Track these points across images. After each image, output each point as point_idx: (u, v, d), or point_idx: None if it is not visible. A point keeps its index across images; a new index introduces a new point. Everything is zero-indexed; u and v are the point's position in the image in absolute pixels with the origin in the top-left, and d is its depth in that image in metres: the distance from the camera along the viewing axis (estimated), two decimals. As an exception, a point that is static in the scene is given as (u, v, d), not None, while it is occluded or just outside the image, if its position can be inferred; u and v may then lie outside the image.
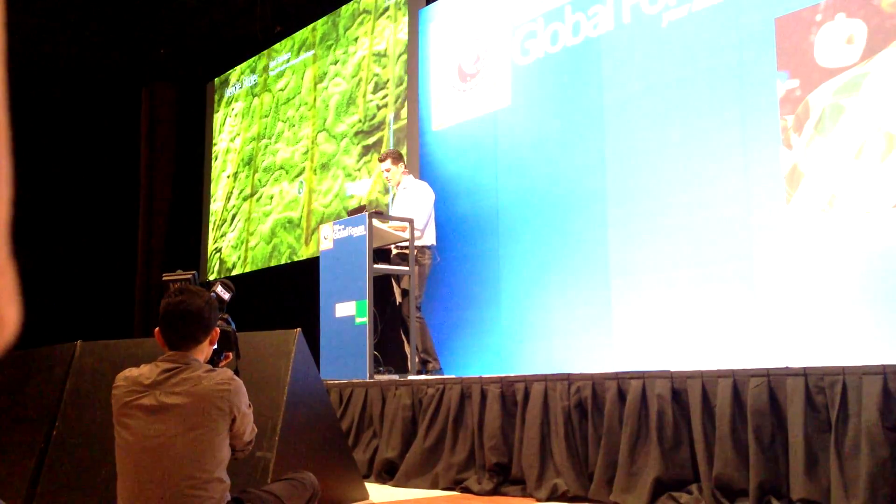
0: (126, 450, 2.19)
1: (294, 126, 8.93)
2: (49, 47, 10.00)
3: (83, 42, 10.01)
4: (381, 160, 5.97)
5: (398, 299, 5.61)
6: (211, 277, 10.02)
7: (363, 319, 5.01)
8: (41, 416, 3.76)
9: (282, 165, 9.06)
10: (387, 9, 7.73)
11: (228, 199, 10.04)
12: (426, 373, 5.39)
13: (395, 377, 4.89)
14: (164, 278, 3.13)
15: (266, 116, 9.50)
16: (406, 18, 7.46)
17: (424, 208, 5.66)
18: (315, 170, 8.46)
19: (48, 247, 10.01)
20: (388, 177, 5.93)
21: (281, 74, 9.30)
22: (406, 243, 5.37)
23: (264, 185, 9.35)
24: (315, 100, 8.64)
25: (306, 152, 8.65)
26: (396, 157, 5.93)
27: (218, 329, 2.38)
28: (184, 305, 2.25)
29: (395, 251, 5.59)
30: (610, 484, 3.36)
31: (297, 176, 8.75)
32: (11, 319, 0.42)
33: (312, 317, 5.41)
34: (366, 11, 8.02)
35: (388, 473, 4.22)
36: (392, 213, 5.66)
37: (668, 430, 3.25)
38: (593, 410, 3.53)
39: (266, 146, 9.42)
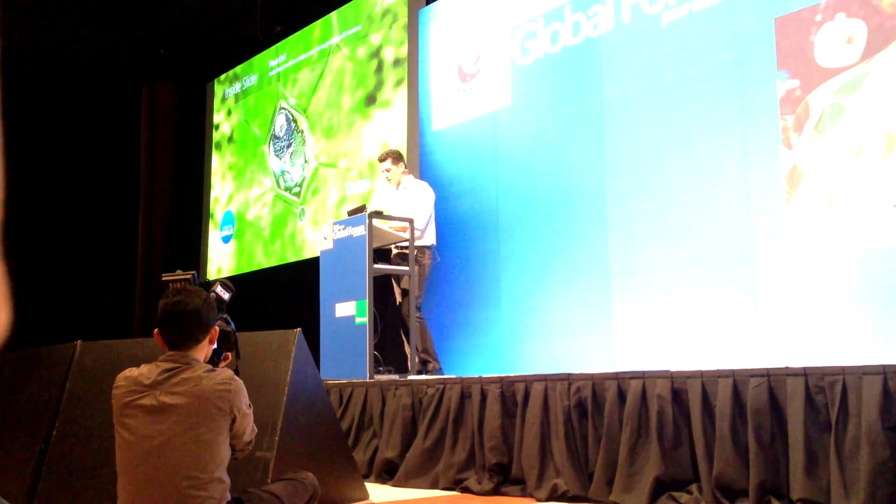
0: (126, 450, 2.19)
1: (293, 127, 8.93)
2: (50, 46, 10.00)
3: (84, 41, 10.01)
4: (380, 160, 5.95)
5: (398, 299, 5.60)
6: (210, 277, 10.01)
7: (363, 319, 5.01)
8: (41, 416, 3.76)
9: (281, 168, 9.07)
10: (387, 9, 7.72)
11: (230, 200, 10.04)
12: (426, 373, 5.39)
13: (395, 377, 4.89)
14: (163, 278, 3.13)
15: (266, 116, 9.49)
16: (406, 18, 7.46)
17: (425, 208, 5.65)
18: (314, 171, 8.46)
19: (48, 246, 10.00)
20: (388, 177, 5.92)
21: (281, 75, 9.30)
22: (406, 243, 5.37)
23: (264, 188, 9.35)
24: (314, 100, 8.63)
25: (305, 159, 8.65)
26: (396, 157, 5.91)
27: (217, 328, 2.38)
28: (181, 305, 2.26)
29: (395, 251, 5.59)
30: (610, 484, 3.36)
31: (297, 182, 8.75)
32: (1, 321, 0.42)
33: (312, 317, 5.41)
34: (366, 11, 8.02)
35: (388, 473, 4.22)
36: (392, 213, 5.66)
37: (668, 430, 3.25)
38: (593, 410, 3.53)
39: (265, 147, 9.41)
